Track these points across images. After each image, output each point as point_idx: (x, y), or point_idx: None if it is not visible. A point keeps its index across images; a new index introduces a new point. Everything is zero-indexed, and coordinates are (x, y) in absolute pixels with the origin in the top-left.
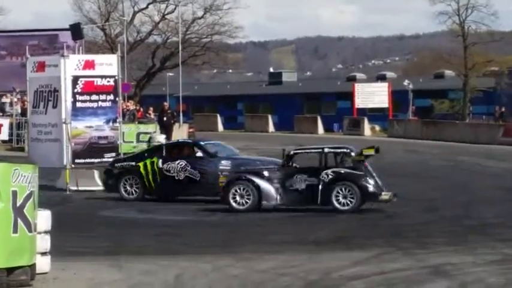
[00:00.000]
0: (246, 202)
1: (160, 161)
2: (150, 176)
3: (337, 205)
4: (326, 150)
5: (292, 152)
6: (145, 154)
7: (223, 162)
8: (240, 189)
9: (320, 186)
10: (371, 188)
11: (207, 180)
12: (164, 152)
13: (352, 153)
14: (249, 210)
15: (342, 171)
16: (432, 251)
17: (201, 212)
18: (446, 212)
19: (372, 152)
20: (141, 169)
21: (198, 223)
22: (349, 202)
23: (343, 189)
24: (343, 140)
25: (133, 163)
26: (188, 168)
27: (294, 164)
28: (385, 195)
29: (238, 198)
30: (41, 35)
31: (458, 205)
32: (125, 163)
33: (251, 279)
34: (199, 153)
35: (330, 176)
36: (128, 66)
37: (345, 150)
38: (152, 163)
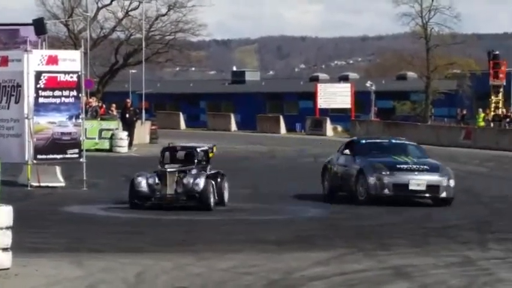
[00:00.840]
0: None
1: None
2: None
3: None
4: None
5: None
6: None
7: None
8: None
9: None
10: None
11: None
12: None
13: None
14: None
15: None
16: (393, 253)
17: (162, 211)
18: (408, 213)
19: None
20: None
21: (159, 221)
22: None
23: None
24: (306, 140)
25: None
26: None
27: None
28: None
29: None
30: (1, 29)
31: (420, 207)
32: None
33: (212, 278)
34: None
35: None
36: (91, 62)
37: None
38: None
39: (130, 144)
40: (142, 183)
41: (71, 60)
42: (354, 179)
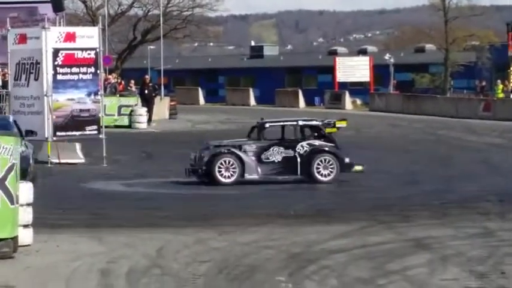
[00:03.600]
0: (232, 175)
1: None
2: None
3: (318, 176)
4: (300, 123)
5: (267, 125)
6: None
7: None
8: (225, 162)
9: (298, 159)
10: (347, 159)
11: None
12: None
13: (326, 126)
14: (234, 183)
15: (317, 143)
16: (413, 225)
17: (182, 185)
18: (427, 185)
19: (344, 124)
20: None
21: (179, 196)
22: (329, 173)
23: (323, 160)
24: (325, 113)
25: None
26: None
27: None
28: (357, 166)
29: (223, 171)
30: (20, 7)
31: (440, 179)
32: None
33: (234, 252)
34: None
35: (305, 148)
36: (109, 39)
37: (318, 122)
38: None
39: (149, 120)
40: None
41: (88, 37)
42: None
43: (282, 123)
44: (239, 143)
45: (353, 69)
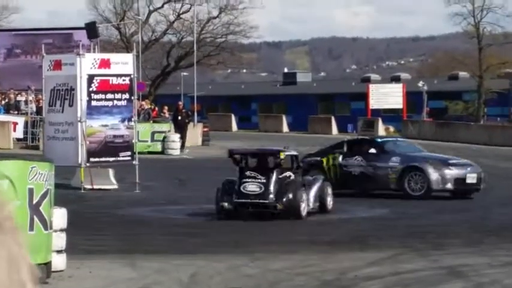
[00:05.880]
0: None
1: (341, 156)
2: (331, 171)
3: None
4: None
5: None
6: (330, 149)
7: (393, 158)
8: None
9: None
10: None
11: (378, 175)
12: (345, 148)
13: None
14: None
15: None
16: (447, 252)
17: (213, 212)
18: (462, 213)
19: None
20: (324, 164)
21: (211, 223)
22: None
23: None
24: None
25: (318, 158)
26: (363, 164)
27: None
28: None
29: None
30: (55, 33)
31: (476, 207)
32: (312, 158)
33: (266, 279)
34: (373, 150)
35: None
36: (143, 65)
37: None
38: (334, 158)
39: (182, 146)
40: None
41: (123, 64)
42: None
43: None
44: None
45: (386, 96)
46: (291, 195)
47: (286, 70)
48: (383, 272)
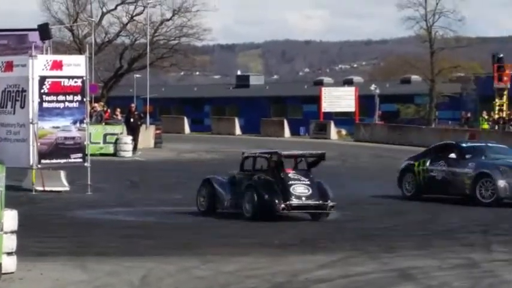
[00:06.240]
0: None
1: (429, 161)
2: (420, 175)
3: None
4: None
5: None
6: (422, 154)
7: (469, 164)
8: (203, 192)
9: None
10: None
11: (455, 180)
12: (432, 152)
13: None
14: (216, 213)
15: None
16: (398, 255)
17: (168, 214)
18: (412, 216)
19: None
20: (415, 167)
21: (163, 225)
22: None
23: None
24: (310, 143)
25: (412, 162)
26: (444, 169)
27: None
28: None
29: (201, 201)
30: (10, 34)
31: (425, 210)
32: (408, 161)
33: (217, 281)
34: (453, 155)
35: None
36: (96, 67)
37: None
38: (423, 162)
39: (134, 148)
40: None
41: (75, 65)
42: (470, 183)
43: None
44: (231, 175)
45: (338, 99)
46: (329, 194)
47: (239, 73)
48: (334, 275)
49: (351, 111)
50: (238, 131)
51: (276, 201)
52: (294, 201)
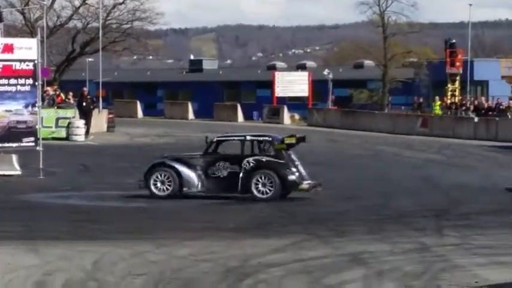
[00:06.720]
0: (167, 189)
1: None
2: None
3: (256, 193)
4: (248, 138)
5: (215, 139)
6: None
7: None
8: (161, 175)
9: (241, 174)
10: (291, 177)
11: None
12: None
13: (275, 142)
14: (170, 197)
15: (263, 159)
16: (350, 239)
17: (121, 198)
18: (364, 201)
19: (293, 140)
20: None
21: (116, 209)
22: (268, 190)
23: (263, 177)
24: (263, 128)
25: None
26: None
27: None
28: (305, 185)
29: (159, 184)
30: None
31: (377, 194)
32: None
33: (171, 265)
34: None
35: (251, 164)
36: (48, 50)
37: (267, 138)
38: None
39: (87, 132)
40: None
41: (27, 49)
42: None
43: (229, 138)
44: (188, 157)
45: (292, 84)
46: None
47: (192, 57)
48: (287, 259)
49: (304, 96)
50: (191, 115)
51: (297, 181)
52: (308, 181)
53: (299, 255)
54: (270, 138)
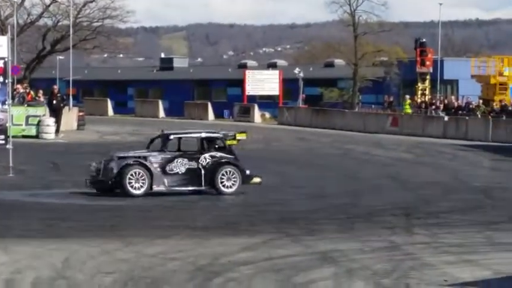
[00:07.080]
0: (141, 186)
1: None
2: None
3: (222, 188)
4: (204, 135)
5: (171, 137)
6: None
7: None
8: (135, 173)
9: (202, 170)
10: (247, 171)
11: None
12: None
13: (227, 138)
14: (143, 195)
15: (218, 155)
16: (320, 238)
17: (90, 196)
18: (334, 199)
19: (244, 136)
20: None
21: (85, 207)
22: (231, 185)
23: (227, 172)
24: (234, 126)
25: None
26: None
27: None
28: (256, 178)
29: (134, 182)
30: None
31: (347, 193)
32: None
33: (140, 264)
34: None
35: (208, 160)
36: (18, 48)
37: (220, 135)
38: None
39: (57, 130)
40: None
41: None
42: None
43: (185, 135)
44: (145, 155)
45: (262, 82)
46: None
47: (163, 55)
48: (256, 257)
49: (275, 95)
50: (162, 113)
51: (252, 175)
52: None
53: (269, 254)
54: (222, 135)
